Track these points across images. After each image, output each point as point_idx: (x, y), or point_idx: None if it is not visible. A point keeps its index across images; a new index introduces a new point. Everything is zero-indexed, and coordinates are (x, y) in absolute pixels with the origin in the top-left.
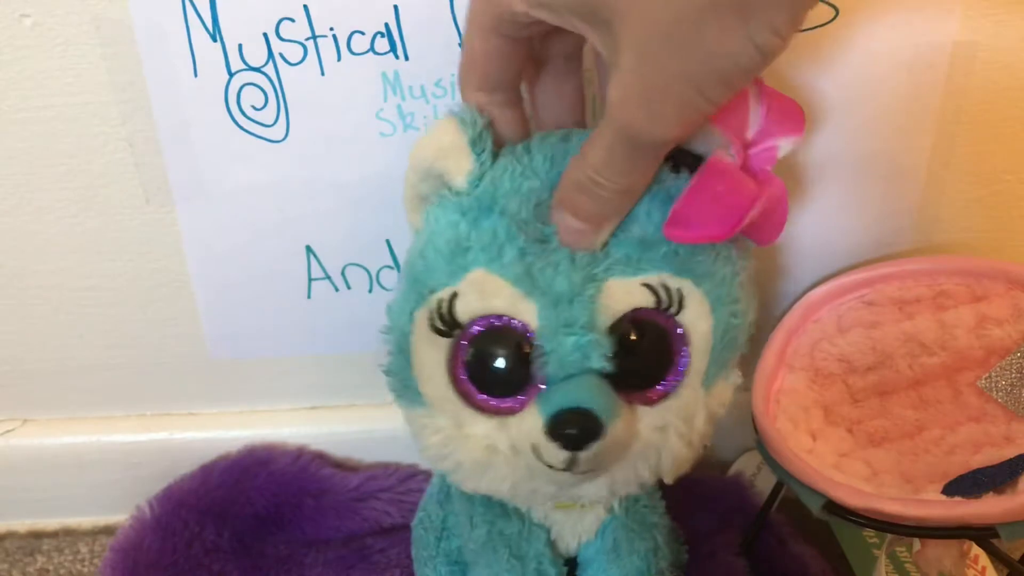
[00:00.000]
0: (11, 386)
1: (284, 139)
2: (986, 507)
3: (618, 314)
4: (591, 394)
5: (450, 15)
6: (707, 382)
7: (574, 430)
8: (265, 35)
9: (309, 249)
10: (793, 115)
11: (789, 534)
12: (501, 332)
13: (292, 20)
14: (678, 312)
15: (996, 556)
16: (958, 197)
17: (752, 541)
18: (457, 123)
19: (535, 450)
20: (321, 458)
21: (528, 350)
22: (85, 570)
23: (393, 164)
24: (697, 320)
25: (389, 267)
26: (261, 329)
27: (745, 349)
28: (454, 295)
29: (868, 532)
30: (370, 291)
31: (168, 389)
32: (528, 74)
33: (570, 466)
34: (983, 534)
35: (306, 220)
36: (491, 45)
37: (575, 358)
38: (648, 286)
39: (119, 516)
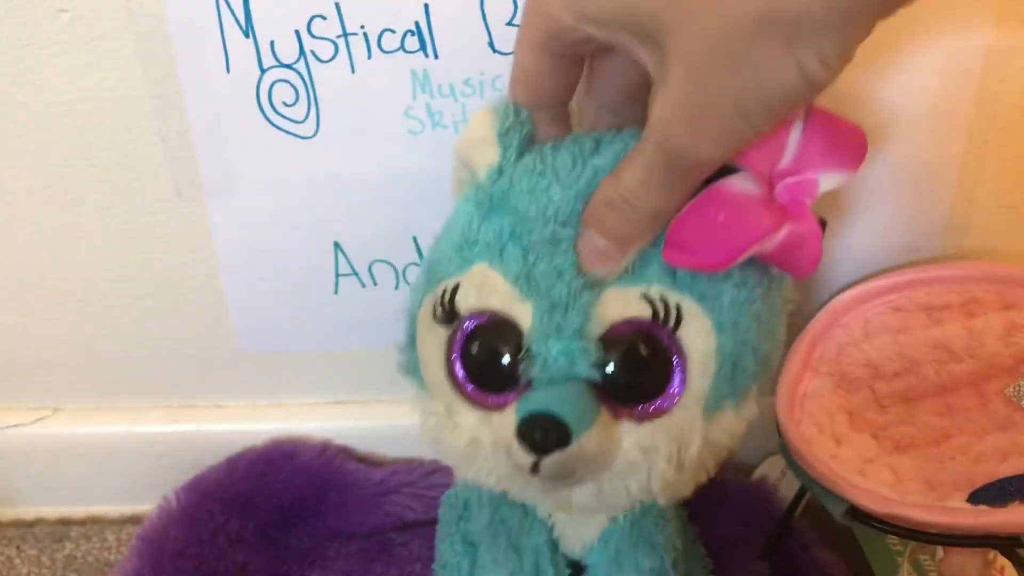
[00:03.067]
0: (42, 375)
1: (314, 135)
2: (1012, 516)
3: (612, 323)
4: (565, 401)
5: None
6: (708, 408)
7: (539, 434)
8: (297, 32)
9: (337, 245)
10: (848, 148)
11: (812, 540)
12: (494, 329)
13: (324, 18)
14: (676, 327)
15: (1021, 566)
16: (990, 204)
17: (775, 546)
18: (491, 115)
19: (508, 449)
20: (346, 452)
21: (518, 350)
22: (112, 558)
23: (421, 162)
24: (696, 338)
25: (415, 264)
26: (289, 323)
27: (758, 380)
28: (456, 287)
29: (892, 539)
30: (396, 288)
31: (196, 381)
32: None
33: (535, 470)
34: (1008, 543)
35: (334, 216)
36: (540, 62)
37: (561, 364)
38: (646, 297)
39: (146, 506)
